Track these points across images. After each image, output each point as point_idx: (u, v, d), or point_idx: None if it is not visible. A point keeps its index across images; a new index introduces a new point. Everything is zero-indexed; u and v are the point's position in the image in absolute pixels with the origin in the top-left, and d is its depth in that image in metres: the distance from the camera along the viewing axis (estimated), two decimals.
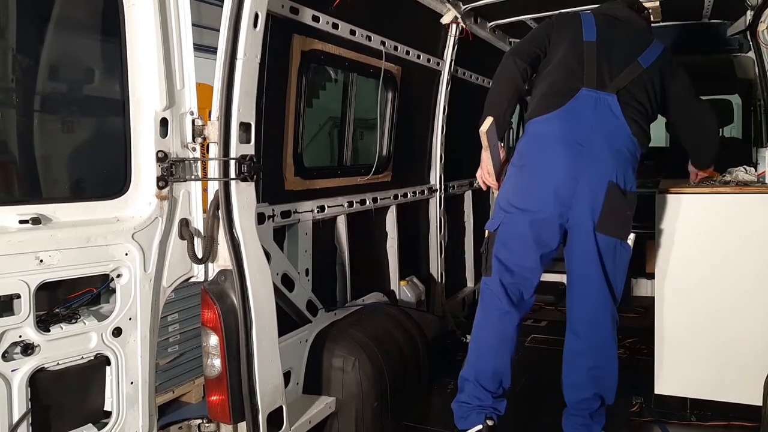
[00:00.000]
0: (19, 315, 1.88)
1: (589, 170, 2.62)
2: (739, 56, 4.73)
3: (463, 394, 2.83)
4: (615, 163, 2.65)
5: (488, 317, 2.81)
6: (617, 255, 2.73)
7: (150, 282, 2.19)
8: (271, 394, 2.41)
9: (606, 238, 2.68)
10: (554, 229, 2.70)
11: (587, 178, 2.62)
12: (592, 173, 2.63)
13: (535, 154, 2.71)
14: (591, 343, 2.80)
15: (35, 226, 1.90)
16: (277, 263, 2.78)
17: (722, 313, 3.06)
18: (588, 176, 2.62)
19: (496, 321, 2.79)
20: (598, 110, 2.66)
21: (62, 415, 2.06)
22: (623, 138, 2.68)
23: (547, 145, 2.67)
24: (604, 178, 2.63)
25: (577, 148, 2.62)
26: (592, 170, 2.63)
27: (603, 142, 2.64)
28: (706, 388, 3.11)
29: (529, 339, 4.53)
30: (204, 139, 2.29)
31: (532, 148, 2.73)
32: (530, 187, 2.70)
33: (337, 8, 3.08)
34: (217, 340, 2.30)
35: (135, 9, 2.13)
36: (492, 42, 4.89)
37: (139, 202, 2.18)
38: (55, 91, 2.35)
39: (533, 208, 2.67)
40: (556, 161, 2.63)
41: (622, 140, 2.68)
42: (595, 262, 2.71)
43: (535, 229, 2.68)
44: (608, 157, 2.64)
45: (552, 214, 2.66)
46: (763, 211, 2.97)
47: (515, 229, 2.71)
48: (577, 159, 2.62)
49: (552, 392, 3.58)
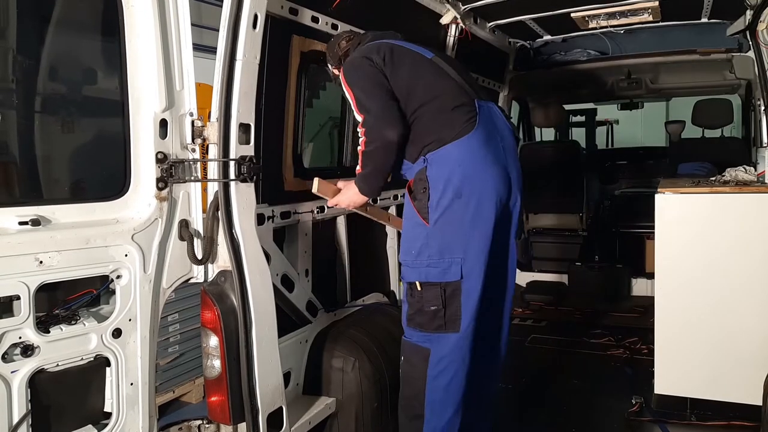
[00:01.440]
0: (18, 316, 1.88)
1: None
2: (738, 56, 4.73)
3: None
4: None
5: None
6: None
7: (150, 283, 2.19)
8: (271, 395, 2.41)
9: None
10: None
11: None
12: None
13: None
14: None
15: (35, 227, 1.90)
16: (277, 264, 2.78)
17: (722, 313, 3.06)
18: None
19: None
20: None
21: (62, 416, 2.06)
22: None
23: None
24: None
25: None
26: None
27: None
28: (707, 387, 3.11)
29: (529, 339, 4.54)
30: (203, 140, 2.29)
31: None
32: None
33: (336, 9, 3.08)
34: (217, 341, 2.30)
35: (134, 10, 2.13)
36: (492, 42, 4.89)
37: (139, 203, 2.18)
38: (55, 92, 2.36)
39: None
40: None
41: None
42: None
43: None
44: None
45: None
46: (762, 211, 2.97)
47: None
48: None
49: (552, 392, 3.60)
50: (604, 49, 5.17)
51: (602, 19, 4.50)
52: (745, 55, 4.63)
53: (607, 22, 4.56)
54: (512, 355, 4.15)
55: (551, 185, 5.71)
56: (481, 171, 2.47)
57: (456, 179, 2.44)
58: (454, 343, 2.47)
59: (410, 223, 2.55)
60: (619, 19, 4.47)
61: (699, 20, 4.58)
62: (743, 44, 4.58)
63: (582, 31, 4.86)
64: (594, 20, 4.54)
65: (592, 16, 4.43)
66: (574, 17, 4.45)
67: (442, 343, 2.48)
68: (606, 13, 4.38)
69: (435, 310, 2.47)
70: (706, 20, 4.55)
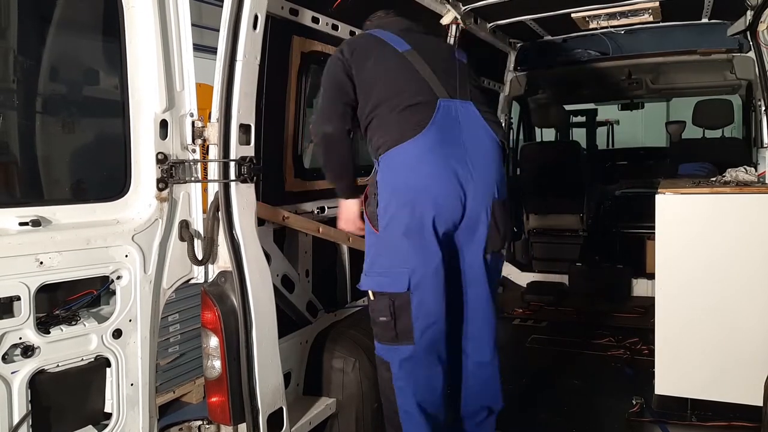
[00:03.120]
0: (19, 317, 1.88)
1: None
2: (739, 56, 4.73)
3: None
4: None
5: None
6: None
7: (150, 283, 2.19)
8: (272, 396, 2.41)
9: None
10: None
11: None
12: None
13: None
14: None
15: (35, 228, 1.90)
16: (277, 264, 2.78)
17: (723, 313, 3.06)
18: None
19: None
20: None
21: (62, 416, 2.05)
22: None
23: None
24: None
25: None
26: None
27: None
28: (707, 388, 3.11)
29: (529, 339, 4.53)
30: (204, 141, 2.29)
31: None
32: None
33: (337, 9, 3.08)
34: (217, 342, 2.30)
35: (135, 10, 2.13)
36: (492, 42, 4.89)
37: (139, 203, 2.18)
38: (55, 93, 2.36)
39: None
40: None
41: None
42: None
43: None
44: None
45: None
46: (763, 212, 2.97)
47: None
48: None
49: (552, 392, 3.60)
50: (604, 49, 5.17)
51: (602, 19, 4.50)
52: (746, 55, 4.63)
53: (607, 23, 4.56)
54: (512, 355, 4.18)
55: (552, 186, 5.71)
56: (424, 177, 2.30)
57: (400, 185, 2.33)
58: (411, 353, 2.41)
59: (367, 231, 2.51)
60: (619, 19, 4.47)
61: (699, 20, 4.58)
62: (744, 45, 4.58)
63: (582, 31, 4.86)
64: (594, 20, 4.54)
65: (593, 16, 4.43)
66: (575, 17, 4.45)
67: (399, 353, 2.43)
68: (606, 14, 4.38)
69: (386, 322, 2.41)
70: (707, 20, 4.55)
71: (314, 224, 2.96)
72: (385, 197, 2.37)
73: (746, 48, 4.57)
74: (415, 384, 2.44)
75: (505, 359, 2.64)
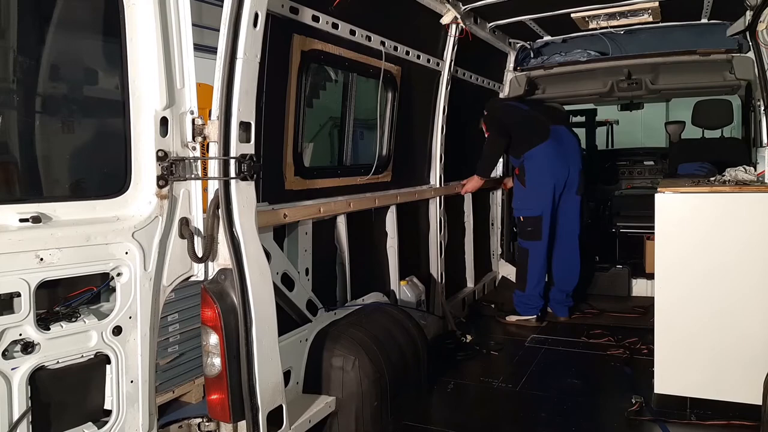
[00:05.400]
0: (19, 313, 1.88)
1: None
2: (738, 57, 4.73)
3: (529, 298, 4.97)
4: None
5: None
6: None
7: (150, 281, 2.20)
8: (271, 393, 2.41)
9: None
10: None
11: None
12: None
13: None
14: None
15: (35, 224, 1.90)
16: (277, 262, 2.79)
17: (722, 312, 3.06)
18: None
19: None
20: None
21: (62, 413, 2.06)
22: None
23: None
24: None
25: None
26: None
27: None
28: (706, 387, 3.11)
29: (529, 339, 4.54)
30: (204, 139, 2.29)
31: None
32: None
33: (337, 8, 3.09)
34: (217, 339, 2.30)
35: (135, 9, 2.14)
36: (492, 42, 4.90)
37: (139, 201, 2.19)
38: (56, 91, 2.36)
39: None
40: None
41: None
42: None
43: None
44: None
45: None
46: (762, 211, 2.97)
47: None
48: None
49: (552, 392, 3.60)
50: (604, 49, 5.18)
51: (602, 19, 4.51)
52: (745, 55, 4.64)
53: (607, 23, 4.57)
54: (512, 355, 4.19)
55: None
56: (548, 162, 4.79)
57: (536, 166, 4.79)
58: (539, 245, 4.83)
59: (517, 187, 5.01)
60: (619, 19, 4.48)
61: (699, 21, 4.58)
62: (743, 45, 4.59)
63: (582, 31, 4.87)
64: (594, 21, 4.55)
65: (592, 16, 4.44)
66: (574, 18, 4.46)
67: (534, 245, 4.86)
68: (606, 14, 4.40)
69: (531, 230, 4.85)
70: (706, 21, 4.56)
71: (313, 208, 3.13)
72: (529, 170, 4.82)
73: (745, 48, 4.58)
74: (538, 260, 4.86)
75: (505, 358, 2.66)
